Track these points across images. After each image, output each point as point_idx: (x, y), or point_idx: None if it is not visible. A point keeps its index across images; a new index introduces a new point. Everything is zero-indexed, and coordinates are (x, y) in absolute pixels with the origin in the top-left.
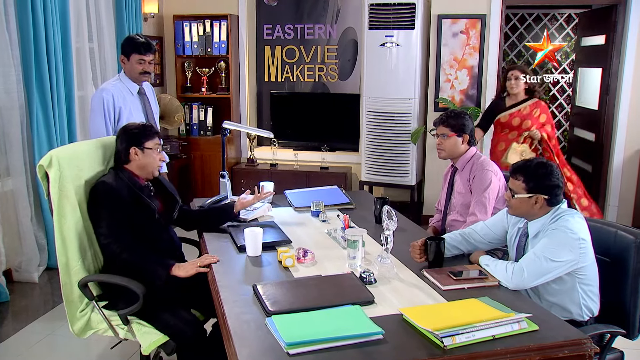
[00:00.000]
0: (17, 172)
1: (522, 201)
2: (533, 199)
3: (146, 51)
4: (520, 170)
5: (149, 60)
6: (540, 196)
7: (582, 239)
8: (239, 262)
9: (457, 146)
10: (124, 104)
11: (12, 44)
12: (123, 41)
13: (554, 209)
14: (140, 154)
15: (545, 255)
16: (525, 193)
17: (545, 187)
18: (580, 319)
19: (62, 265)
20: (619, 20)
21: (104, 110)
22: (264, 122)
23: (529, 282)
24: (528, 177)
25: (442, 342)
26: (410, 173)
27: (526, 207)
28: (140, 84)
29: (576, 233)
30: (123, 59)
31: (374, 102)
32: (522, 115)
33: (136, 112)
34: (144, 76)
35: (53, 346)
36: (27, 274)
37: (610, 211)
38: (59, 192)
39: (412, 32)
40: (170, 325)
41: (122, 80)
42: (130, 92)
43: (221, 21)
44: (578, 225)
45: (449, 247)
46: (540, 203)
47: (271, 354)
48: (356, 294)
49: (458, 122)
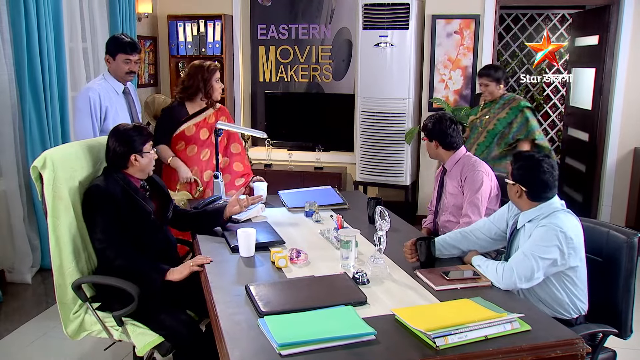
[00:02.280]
0: (10, 173)
1: (510, 187)
2: (516, 187)
3: (132, 51)
4: (514, 156)
5: (134, 60)
6: (519, 186)
7: (570, 238)
8: (231, 262)
9: (432, 150)
10: (110, 104)
11: (4, 43)
12: (108, 41)
13: (541, 206)
14: (140, 159)
15: (533, 253)
16: (510, 179)
17: (527, 180)
18: (569, 316)
19: (56, 267)
20: (612, 21)
21: (91, 109)
22: (258, 122)
23: (519, 282)
24: (515, 165)
25: (435, 343)
26: (405, 173)
27: (512, 194)
28: (125, 84)
29: (565, 231)
30: (108, 58)
31: (369, 102)
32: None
33: (122, 111)
34: (129, 76)
35: (46, 347)
36: (19, 275)
37: (603, 211)
38: (52, 194)
39: (406, 32)
40: (166, 326)
41: (107, 79)
42: (116, 92)
43: (215, 21)
44: (569, 223)
45: (447, 247)
46: (520, 194)
47: (263, 355)
48: (349, 294)
49: (429, 128)
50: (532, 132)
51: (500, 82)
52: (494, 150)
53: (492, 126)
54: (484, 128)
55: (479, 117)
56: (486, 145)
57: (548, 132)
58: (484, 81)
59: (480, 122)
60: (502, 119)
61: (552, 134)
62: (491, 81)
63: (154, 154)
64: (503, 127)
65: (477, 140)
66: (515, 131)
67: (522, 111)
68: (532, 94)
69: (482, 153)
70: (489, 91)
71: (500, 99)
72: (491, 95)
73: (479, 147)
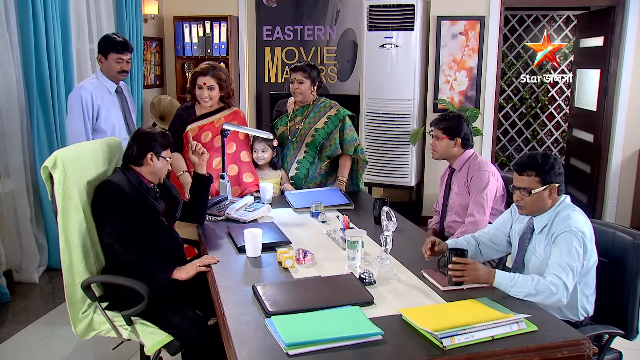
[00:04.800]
0: (17, 173)
1: (539, 196)
2: (548, 190)
3: (124, 50)
4: (528, 166)
5: (126, 59)
6: (554, 185)
7: (589, 239)
8: (238, 262)
9: (449, 149)
10: (103, 103)
11: (12, 44)
12: (100, 40)
13: (559, 200)
14: (156, 160)
15: (569, 263)
16: (541, 186)
17: (556, 175)
18: (577, 319)
19: (66, 267)
20: (617, 22)
21: (83, 108)
22: (263, 123)
23: (571, 286)
24: (539, 171)
25: (442, 343)
26: (410, 174)
27: (542, 202)
28: (117, 83)
29: (584, 232)
30: (100, 58)
31: (374, 103)
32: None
33: (114, 110)
34: (121, 75)
35: (53, 347)
36: (27, 274)
37: (608, 212)
38: (63, 194)
39: (412, 33)
40: (176, 324)
41: (100, 78)
42: (108, 91)
43: (221, 22)
44: (581, 221)
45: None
46: (554, 192)
47: (271, 355)
48: (355, 294)
49: (451, 125)
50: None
51: (315, 83)
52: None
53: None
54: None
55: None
56: (309, 162)
57: (553, 133)
58: (299, 77)
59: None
60: (321, 129)
61: (557, 134)
62: (306, 78)
63: (169, 162)
64: (322, 138)
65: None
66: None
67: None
68: (537, 95)
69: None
70: (302, 91)
71: (314, 105)
72: (303, 96)
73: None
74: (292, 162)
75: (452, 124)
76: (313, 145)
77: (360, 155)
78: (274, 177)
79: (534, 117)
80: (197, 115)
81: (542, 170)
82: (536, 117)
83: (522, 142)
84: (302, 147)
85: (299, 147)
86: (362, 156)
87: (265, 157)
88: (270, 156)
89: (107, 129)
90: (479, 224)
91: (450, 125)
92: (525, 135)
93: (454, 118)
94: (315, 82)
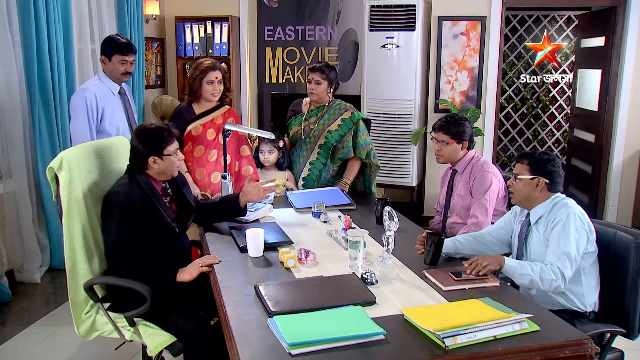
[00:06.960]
0: (19, 174)
1: (525, 183)
2: (535, 181)
3: (128, 52)
4: (526, 155)
5: (130, 60)
6: (541, 179)
7: (588, 223)
8: (240, 262)
9: (457, 152)
10: (107, 104)
11: (14, 45)
12: (103, 41)
13: (554, 197)
14: (160, 161)
15: (566, 252)
16: (529, 174)
17: (548, 171)
18: (584, 309)
19: (70, 268)
20: (618, 22)
21: (87, 110)
22: (264, 123)
23: (569, 275)
24: (532, 161)
25: (444, 343)
26: (411, 174)
27: (528, 190)
28: (120, 84)
29: (584, 216)
30: (104, 59)
31: (375, 103)
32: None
33: (118, 112)
34: (125, 76)
35: (55, 347)
36: (29, 274)
37: (609, 212)
38: (68, 195)
39: (413, 33)
40: (179, 325)
41: (103, 80)
42: (112, 92)
43: (222, 23)
44: (580, 209)
45: (464, 245)
46: (541, 186)
47: (273, 355)
48: (357, 294)
49: (458, 130)
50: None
51: (332, 84)
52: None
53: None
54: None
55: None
56: (322, 163)
57: (554, 133)
58: (317, 77)
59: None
60: (334, 131)
61: (558, 135)
62: (324, 79)
63: (177, 157)
64: (335, 140)
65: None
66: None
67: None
68: (538, 95)
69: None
70: (318, 92)
71: (329, 106)
72: (319, 96)
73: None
74: (304, 162)
75: (459, 128)
76: (326, 147)
77: (372, 160)
78: (280, 178)
79: (535, 117)
80: (197, 114)
81: (534, 160)
82: (537, 117)
83: (523, 142)
84: (315, 148)
85: (312, 148)
86: (375, 161)
87: (271, 159)
88: (276, 158)
89: (112, 130)
90: (482, 225)
91: (458, 130)
92: (527, 136)
93: (459, 122)
94: (333, 83)
